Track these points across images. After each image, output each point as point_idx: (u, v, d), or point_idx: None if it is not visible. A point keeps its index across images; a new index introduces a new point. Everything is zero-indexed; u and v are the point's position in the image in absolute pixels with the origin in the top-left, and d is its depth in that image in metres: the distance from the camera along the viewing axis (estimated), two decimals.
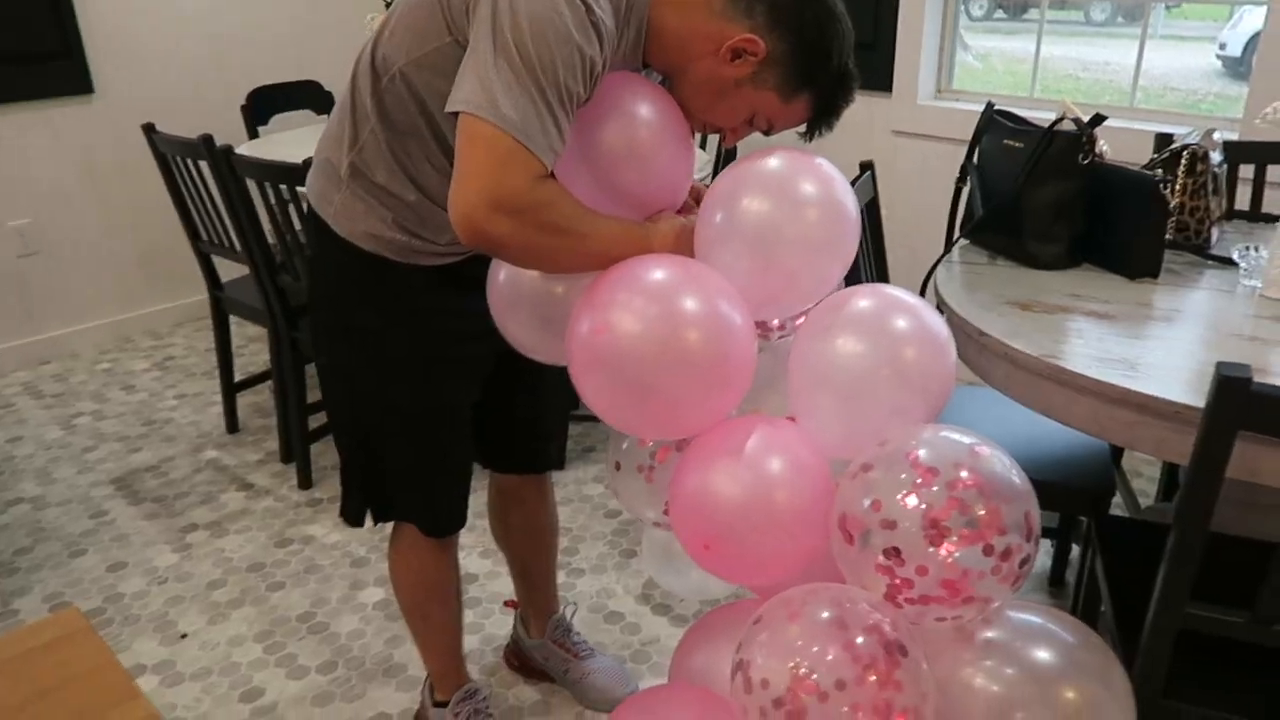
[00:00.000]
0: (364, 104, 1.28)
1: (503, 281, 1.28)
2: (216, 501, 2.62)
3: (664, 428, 1.20)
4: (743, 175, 1.19)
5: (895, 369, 1.11)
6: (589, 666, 1.88)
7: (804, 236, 1.15)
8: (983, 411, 1.93)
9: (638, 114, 1.22)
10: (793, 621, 1.04)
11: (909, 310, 1.14)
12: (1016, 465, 1.05)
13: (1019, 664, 1.06)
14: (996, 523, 0.99)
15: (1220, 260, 1.72)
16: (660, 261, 1.15)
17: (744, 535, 1.11)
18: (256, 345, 3.64)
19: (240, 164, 2.32)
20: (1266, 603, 1.13)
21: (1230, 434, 1.02)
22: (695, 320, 1.09)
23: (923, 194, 3.15)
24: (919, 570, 1.00)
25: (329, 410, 1.55)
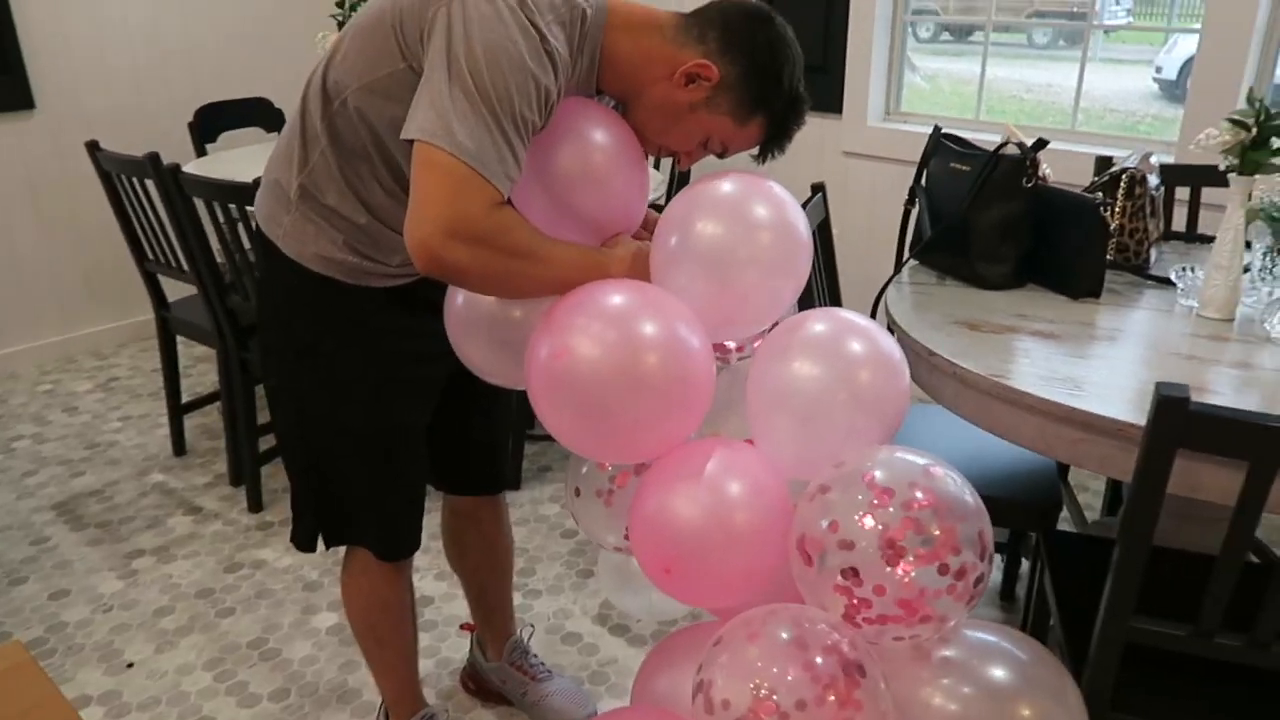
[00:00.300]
0: (314, 126, 1.27)
1: (460, 305, 1.28)
2: (163, 526, 2.56)
3: (624, 451, 1.20)
4: (696, 199, 1.20)
5: (851, 392, 1.13)
6: (547, 689, 1.87)
7: (757, 258, 1.17)
8: (933, 429, 1.96)
9: (593, 139, 1.23)
10: (752, 642, 1.05)
11: (864, 334, 1.16)
12: (969, 485, 1.08)
13: (975, 682, 1.09)
14: (951, 542, 1.02)
15: (1159, 280, 1.77)
16: (618, 286, 1.16)
17: (703, 558, 1.12)
18: (204, 366, 3.58)
19: (188, 183, 2.29)
20: (1207, 616, 1.16)
21: (1170, 452, 1.05)
22: (654, 344, 1.10)
23: (873, 214, 3.21)
24: (876, 590, 1.02)
25: (279, 433, 1.53)
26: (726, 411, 1.25)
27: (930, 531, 1.01)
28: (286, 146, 1.33)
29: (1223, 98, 2.46)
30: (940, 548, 1.01)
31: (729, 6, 1.26)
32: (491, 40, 1.09)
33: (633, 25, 1.25)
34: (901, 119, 3.22)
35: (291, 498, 1.55)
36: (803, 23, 3.24)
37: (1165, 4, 8.18)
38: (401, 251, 1.34)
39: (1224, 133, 1.52)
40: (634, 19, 1.25)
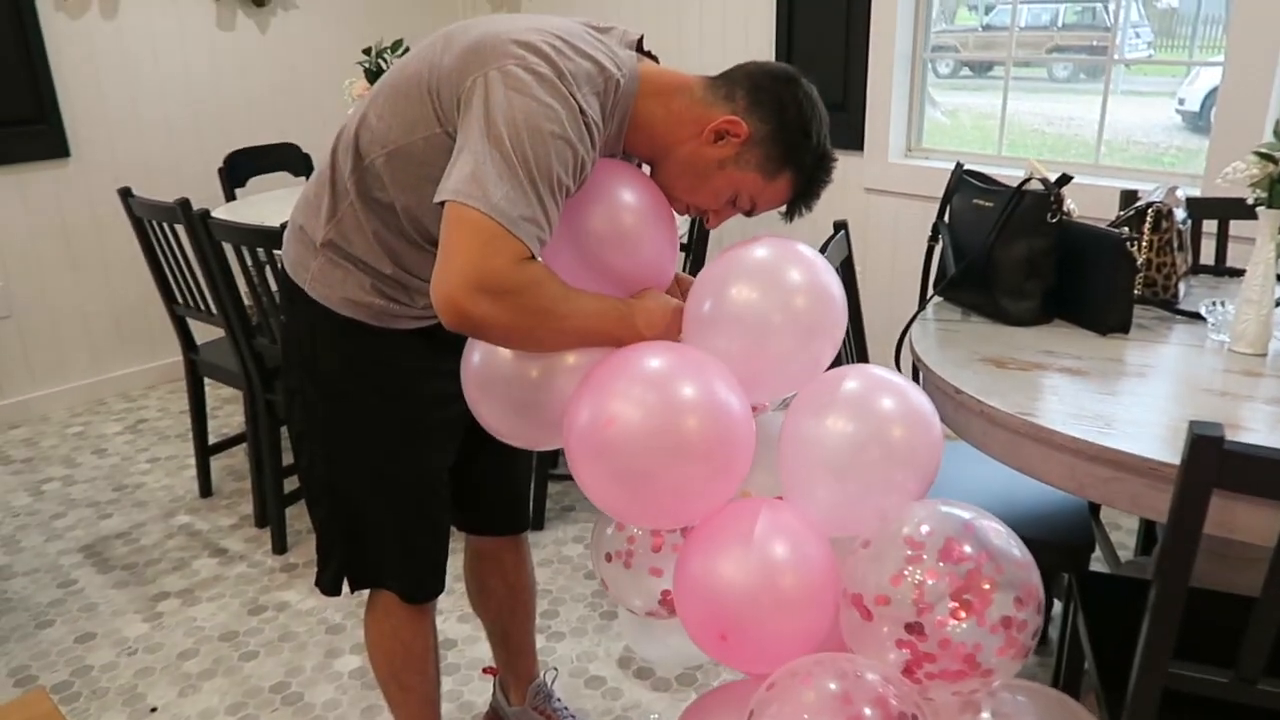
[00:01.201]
0: (343, 180, 1.29)
1: (476, 364, 1.27)
2: (189, 568, 2.57)
3: (665, 516, 1.20)
4: (730, 264, 1.21)
5: (885, 447, 1.14)
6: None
7: (793, 322, 1.18)
8: (962, 468, 1.94)
9: (623, 199, 1.24)
10: (805, 687, 1.04)
11: (895, 390, 1.17)
12: (1015, 536, 1.09)
13: None
14: (1007, 595, 1.03)
15: (1188, 315, 1.75)
16: (656, 349, 1.16)
17: (758, 623, 1.12)
18: (231, 407, 3.61)
19: (217, 228, 2.32)
20: (1249, 662, 1.13)
21: (1205, 493, 1.03)
22: (695, 407, 1.10)
23: (896, 250, 3.20)
24: (941, 644, 1.03)
25: (304, 476, 1.53)
26: (755, 468, 1.24)
27: (988, 586, 1.03)
28: (315, 196, 1.35)
29: (1248, 129, 2.44)
30: (996, 602, 1.03)
31: (755, 68, 1.28)
32: (531, 107, 1.10)
33: (663, 91, 1.27)
34: (923, 155, 3.22)
35: (316, 542, 1.54)
36: (823, 60, 3.27)
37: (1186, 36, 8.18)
38: (427, 296, 1.35)
39: (1251, 166, 1.50)
40: (664, 84, 1.27)
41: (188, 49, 3.68)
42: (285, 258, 1.41)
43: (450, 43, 1.21)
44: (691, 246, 2.86)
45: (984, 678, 1.07)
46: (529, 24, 1.20)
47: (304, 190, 1.40)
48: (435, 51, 1.22)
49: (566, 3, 3.95)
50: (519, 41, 1.15)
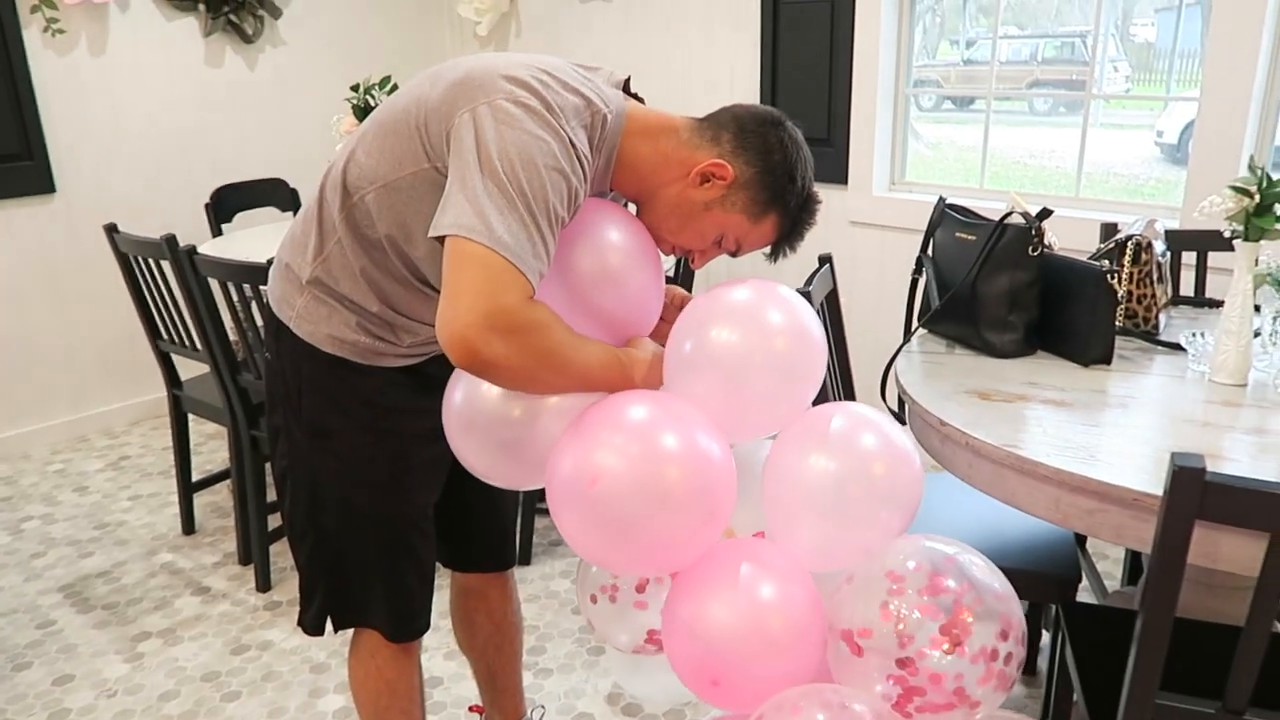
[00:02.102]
0: (331, 218, 1.29)
1: (459, 404, 1.26)
2: (171, 607, 2.54)
3: (648, 565, 1.20)
4: (712, 305, 1.22)
5: (867, 485, 1.15)
6: None
7: (773, 364, 1.18)
8: (948, 500, 1.94)
9: (610, 239, 1.25)
10: (793, 718, 1.04)
11: (876, 427, 1.18)
12: (995, 568, 1.10)
13: None
14: (989, 627, 1.05)
15: (1169, 346, 1.76)
16: (638, 399, 1.16)
17: (748, 666, 1.12)
18: (215, 443, 3.58)
19: (203, 264, 2.32)
20: (1236, 692, 1.13)
21: (1188, 524, 1.03)
22: (677, 458, 1.11)
23: (881, 282, 3.22)
24: (932, 679, 1.04)
25: (288, 514, 1.51)
26: (738, 503, 1.24)
27: (970, 619, 1.04)
28: (302, 234, 1.35)
29: (1224, 161, 2.47)
30: (979, 634, 1.04)
31: (741, 110, 1.29)
32: (523, 140, 1.11)
33: (650, 131, 1.28)
34: (906, 188, 3.25)
35: (300, 580, 1.53)
36: (807, 96, 3.31)
37: (1163, 70, 8.32)
38: (413, 334, 1.35)
39: (1226, 200, 1.53)
40: (650, 124, 1.28)
41: (175, 85, 3.70)
42: (270, 295, 1.41)
43: (438, 79, 1.22)
44: (678, 275, 2.87)
45: (971, 709, 1.07)
46: (516, 60, 1.21)
47: (290, 228, 1.40)
48: (423, 88, 1.23)
49: (554, 42, 4.00)
50: (507, 76, 1.16)
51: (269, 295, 1.42)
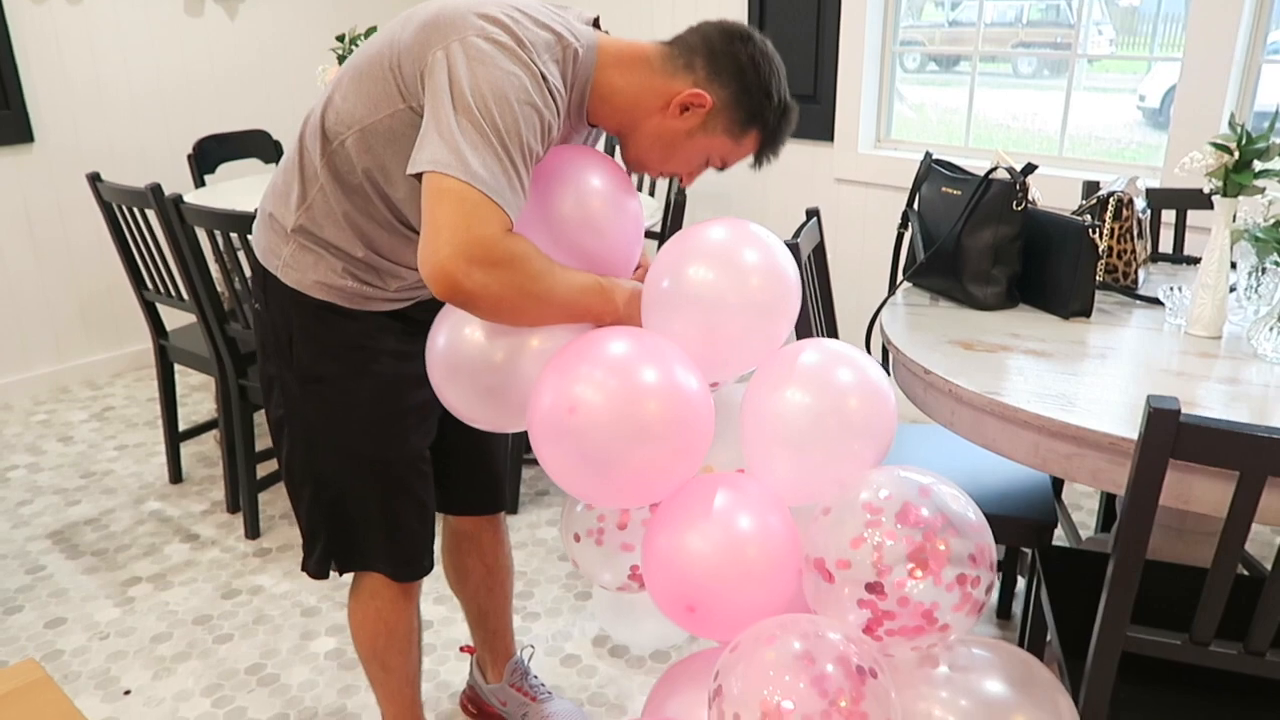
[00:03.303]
0: (313, 165, 1.31)
1: (441, 348, 1.28)
2: (160, 554, 2.56)
3: (629, 496, 1.23)
4: (687, 245, 1.24)
5: (842, 420, 1.17)
6: (548, 710, 1.87)
7: (749, 302, 1.21)
8: (930, 449, 1.99)
9: (592, 184, 1.27)
10: (769, 648, 1.07)
11: (850, 362, 1.20)
12: (970, 500, 1.13)
13: (972, 696, 1.11)
14: (962, 554, 1.07)
15: (1147, 300, 1.81)
16: (617, 334, 1.19)
17: (724, 594, 1.15)
18: (199, 395, 3.59)
19: (190, 213, 2.31)
20: (1201, 626, 1.18)
21: (1162, 463, 1.07)
22: (655, 392, 1.13)
23: (865, 239, 3.25)
24: (900, 602, 1.06)
25: (286, 463, 1.52)
26: (717, 442, 1.27)
27: (943, 546, 1.06)
28: (284, 183, 1.36)
29: (1205, 124, 2.51)
30: (953, 561, 1.06)
31: (708, 29, 1.31)
32: (495, 75, 1.13)
33: (622, 62, 1.29)
34: (892, 146, 3.27)
35: (300, 527, 1.55)
36: (795, 53, 3.31)
37: (1147, 33, 8.33)
38: (399, 278, 1.37)
39: (1207, 156, 1.56)
40: (623, 56, 1.29)
41: (155, 34, 3.64)
42: (256, 246, 1.42)
43: (410, 20, 1.23)
44: (665, 232, 2.89)
45: (941, 633, 1.10)
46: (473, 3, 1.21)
47: (272, 178, 1.41)
48: (395, 30, 1.24)
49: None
50: (478, 13, 1.17)
51: (255, 245, 1.42)
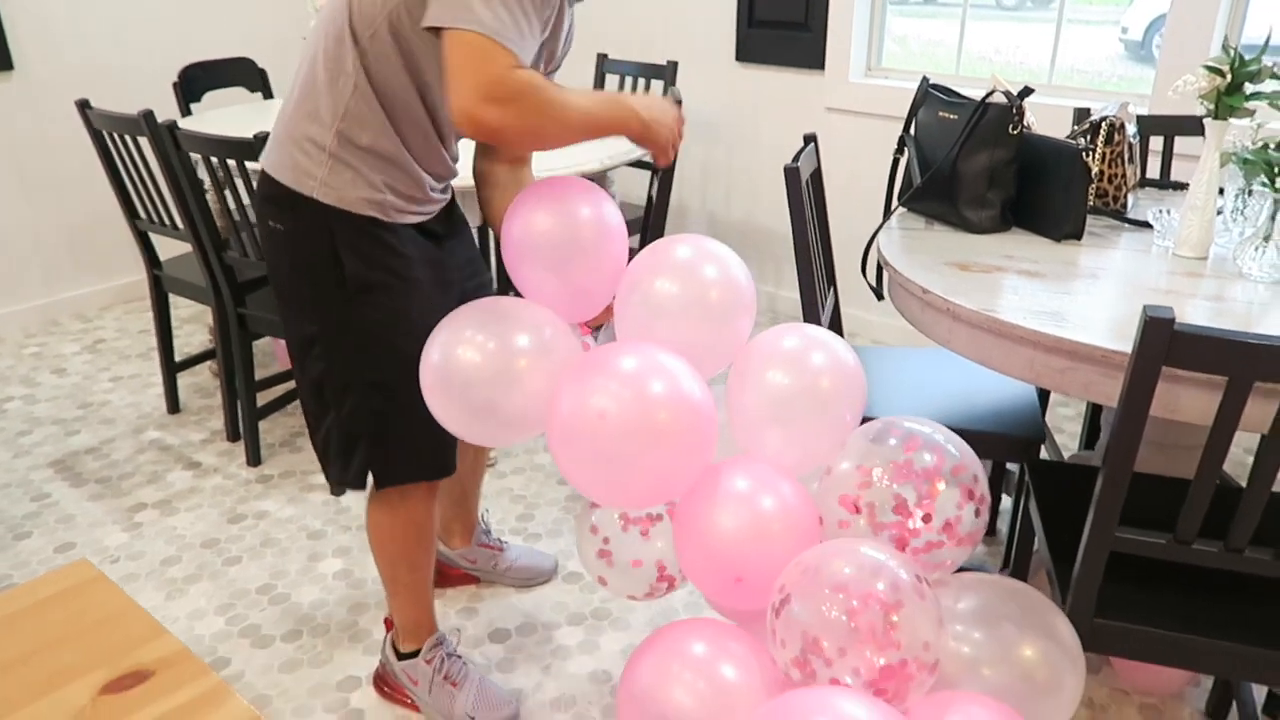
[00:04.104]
0: (346, 72, 1.35)
1: (436, 363, 1.36)
2: (163, 481, 2.60)
3: (646, 498, 1.33)
4: (656, 260, 1.39)
5: (816, 397, 1.32)
6: (515, 554, 2.15)
7: (711, 311, 1.37)
8: (926, 374, 2.05)
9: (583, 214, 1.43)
10: (835, 560, 1.16)
11: (823, 345, 1.35)
12: (956, 436, 1.29)
13: (985, 628, 1.22)
14: (967, 478, 1.24)
15: (1137, 223, 1.86)
16: (626, 350, 1.30)
17: (762, 557, 1.26)
18: (191, 326, 3.59)
19: (187, 139, 2.30)
20: (1186, 524, 1.25)
21: (1156, 369, 1.13)
22: (666, 403, 1.24)
23: (856, 167, 3.27)
24: (925, 519, 1.21)
25: (318, 380, 1.54)
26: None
27: (953, 472, 1.24)
28: (310, 102, 1.40)
29: (1194, 54, 2.53)
30: (962, 483, 1.23)
31: None
32: None
33: None
34: (883, 75, 3.27)
35: (331, 446, 1.59)
36: None
37: None
38: (424, 187, 1.50)
39: (1200, 79, 1.59)
40: None
41: None
42: (282, 172, 1.45)
43: None
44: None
45: (962, 546, 1.25)
46: None
47: (288, 107, 1.44)
48: None
49: None
50: None
51: (279, 173, 1.45)
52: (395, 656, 1.79)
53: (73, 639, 0.87)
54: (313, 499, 2.50)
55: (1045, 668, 1.21)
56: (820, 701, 0.99)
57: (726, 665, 1.22)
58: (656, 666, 1.25)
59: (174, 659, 0.84)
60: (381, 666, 1.84)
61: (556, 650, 1.97)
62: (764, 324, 3.70)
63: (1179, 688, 1.83)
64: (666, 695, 1.22)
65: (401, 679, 1.79)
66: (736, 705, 1.17)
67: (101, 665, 0.83)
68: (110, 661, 0.84)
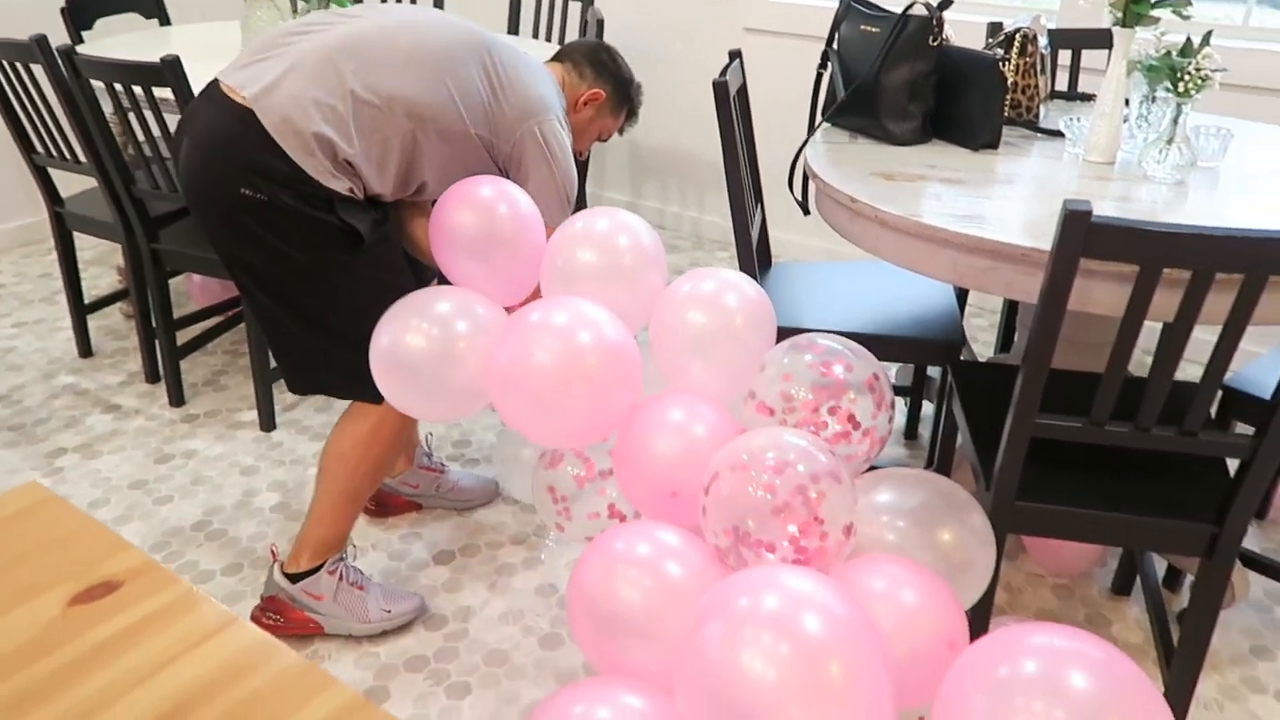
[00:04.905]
0: (393, 127, 1.59)
1: (385, 348, 1.47)
2: (82, 425, 2.52)
3: (582, 436, 1.43)
4: (573, 232, 1.55)
5: (731, 333, 1.43)
6: (456, 476, 2.20)
7: (627, 273, 1.52)
8: (853, 287, 2.11)
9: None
10: (759, 442, 1.23)
11: (734, 287, 1.46)
12: (862, 347, 1.41)
13: (908, 517, 1.30)
14: (873, 379, 1.34)
15: (1049, 132, 1.93)
16: (558, 304, 1.43)
17: (693, 470, 1.33)
18: (96, 269, 3.45)
19: (88, 66, 2.19)
20: (1099, 408, 1.34)
21: (1075, 258, 1.20)
22: (593, 348, 1.36)
23: (775, 87, 3.29)
24: (839, 419, 1.31)
25: (318, 315, 1.66)
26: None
27: (860, 374, 1.33)
28: (337, 111, 1.54)
29: None
30: (868, 384, 1.34)
31: (581, 45, 1.90)
32: (566, 162, 1.72)
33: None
34: None
35: (337, 376, 1.70)
36: None
37: None
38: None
39: None
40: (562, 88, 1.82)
41: None
42: (288, 142, 1.51)
43: (498, 80, 1.67)
44: None
45: (867, 438, 1.35)
46: (537, 82, 1.72)
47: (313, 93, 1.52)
48: (484, 82, 1.65)
49: None
50: (546, 104, 1.70)
51: (286, 141, 1.51)
52: (288, 578, 1.77)
53: (35, 555, 0.86)
54: (242, 436, 2.46)
55: (960, 549, 1.31)
56: (764, 577, 1.05)
57: (670, 561, 1.27)
58: (602, 569, 1.30)
59: (142, 569, 0.84)
60: (265, 600, 1.80)
61: (501, 568, 2.01)
62: (687, 249, 3.73)
63: (1088, 568, 1.97)
64: (615, 594, 1.27)
65: (301, 599, 1.76)
66: (682, 595, 1.22)
67: (68, 579, 0.83)
68: (76, 575, 0.83)
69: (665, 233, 3.82)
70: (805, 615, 1.01)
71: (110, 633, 0.76)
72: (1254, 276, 1.17)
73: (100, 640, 0.76)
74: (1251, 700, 1.71)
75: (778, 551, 1.19)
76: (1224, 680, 1.75)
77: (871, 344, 1.47)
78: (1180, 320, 1.23)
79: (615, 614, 1.25)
